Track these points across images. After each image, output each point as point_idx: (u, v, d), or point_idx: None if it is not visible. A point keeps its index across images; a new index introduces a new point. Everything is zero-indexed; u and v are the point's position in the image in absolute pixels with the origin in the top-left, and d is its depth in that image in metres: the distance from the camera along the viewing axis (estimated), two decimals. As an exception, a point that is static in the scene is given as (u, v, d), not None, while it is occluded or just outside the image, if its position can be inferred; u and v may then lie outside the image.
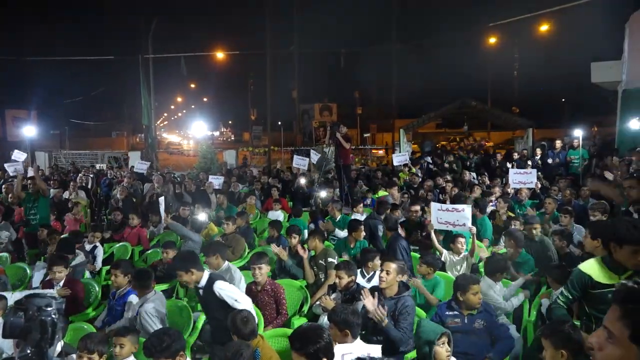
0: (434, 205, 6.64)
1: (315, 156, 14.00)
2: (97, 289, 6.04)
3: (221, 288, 4.16)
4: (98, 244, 7.50)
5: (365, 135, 35.01)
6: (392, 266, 4.31)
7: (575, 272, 3.44)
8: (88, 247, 7.35)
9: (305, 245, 6.49)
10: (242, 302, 4.15)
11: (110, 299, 5.23)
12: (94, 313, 5.66)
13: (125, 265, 5.22)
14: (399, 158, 13.89)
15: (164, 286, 6.06)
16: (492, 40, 28.56)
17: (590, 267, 3.36)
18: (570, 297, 3.44)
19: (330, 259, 5.93)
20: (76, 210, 9.45)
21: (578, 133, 12.15)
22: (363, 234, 6.74)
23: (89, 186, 14.18)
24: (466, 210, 6.31)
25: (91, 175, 15.51)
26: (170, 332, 3.48)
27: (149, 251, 7.83)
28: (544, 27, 24.05)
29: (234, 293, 4.21)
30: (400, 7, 23.17)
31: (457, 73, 36.74)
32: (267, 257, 5.24)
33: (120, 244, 8.18)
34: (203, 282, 4.26)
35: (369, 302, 4.03)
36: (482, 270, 5.50)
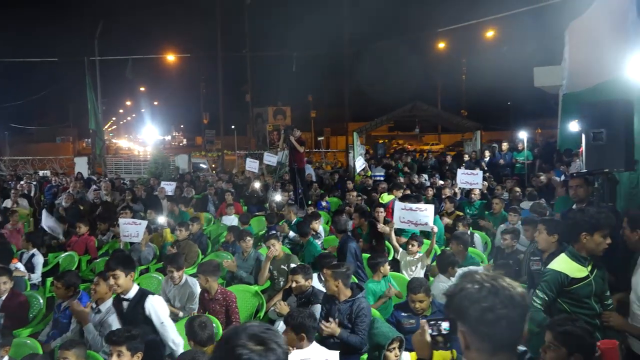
0: (397, 205, 6.71)
1: (272, 158, 13.89)
2: (41, 301, 5.74)
3: (154, 305, 3.91)
4: (36, 252, 7.05)
5: (319, 138, 35.17)
6: (328, 272, 4.34)
7: (550, 273, 3.50)
8: (25, 256, 6.96)
9: (263, 250, 6.45)
10: (168, 326, 3.94)
11: (55, 311, 4.99)
12: (39, 327, 5.37)
13: (69, 277, 4.98)
14: (360, 163, 14.11)
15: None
16: (441, 45, 29.40)
17: (563, 265, 3.47)
18: (547, 298, 3.47)
19: (292, 265, 5.87)
20: (14, 220, 8.91)
21: (522, 135, 12.66)
22: None
23: (32, 194, 13.53)
24: (429, 209, 6.42)
25: (34, 183, 14.82)
26: (139, 330, 3.53)
27: (97, 260, 7.53)
28: (490, 33, 24.98)
29: (164, 315, 3.97)
30: (352, 12, 23.42)
31: (409, 77, 37.58)
32: (211, 266, 5.01)
33: (66, 253, 7.83)
34: (131, 294, 3.99)
35: (326, 330, 4.03)
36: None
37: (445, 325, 1.83)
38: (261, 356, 1.47)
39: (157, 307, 3.92)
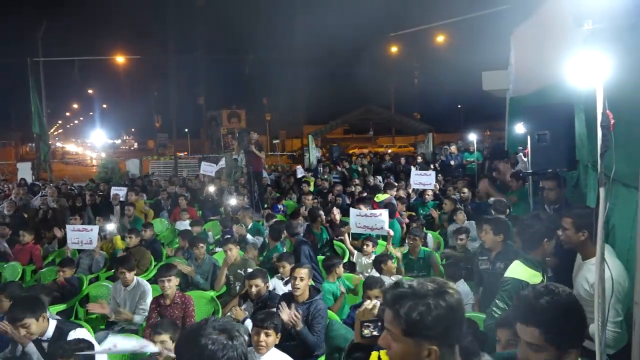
0: (353, 211, 6.87)
1: (210, 167, 13.63)
2: (-19, 315, 5.43)
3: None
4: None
5: (274, 141, 35.02)
6: (304, 271, 4.37)
7: (511, 282, 3.40)
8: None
9: (219, 255, 6.35)
10: (99, 358, 3.70)
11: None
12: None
13: (13, 288, 4.73)
14: (300, 171, 14.17)
15: (62, 307, 5.62)
16: (394, 49, 29.94)
17: (522, 273, 3.41)
18: (507, 308, 3.34)
19: (249, 270, 5.80)
20: None
21: (472, 137, 13.08)
22: None
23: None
24: (383, 214, 6.56)
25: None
26: (88, 342, 3.39)
27: (43, 270, 7.19)
28: (440, 38, 25.66)
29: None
30: (306, 16, 23.53)
31: (364, 81, 37.98)
32: (175, 268, 5.04)
33: (9, 263, 7.45)
34: (49, 332, 3.70)
35: (285, 314, 4.04)
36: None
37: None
38: (226, 346, 1.51)
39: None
